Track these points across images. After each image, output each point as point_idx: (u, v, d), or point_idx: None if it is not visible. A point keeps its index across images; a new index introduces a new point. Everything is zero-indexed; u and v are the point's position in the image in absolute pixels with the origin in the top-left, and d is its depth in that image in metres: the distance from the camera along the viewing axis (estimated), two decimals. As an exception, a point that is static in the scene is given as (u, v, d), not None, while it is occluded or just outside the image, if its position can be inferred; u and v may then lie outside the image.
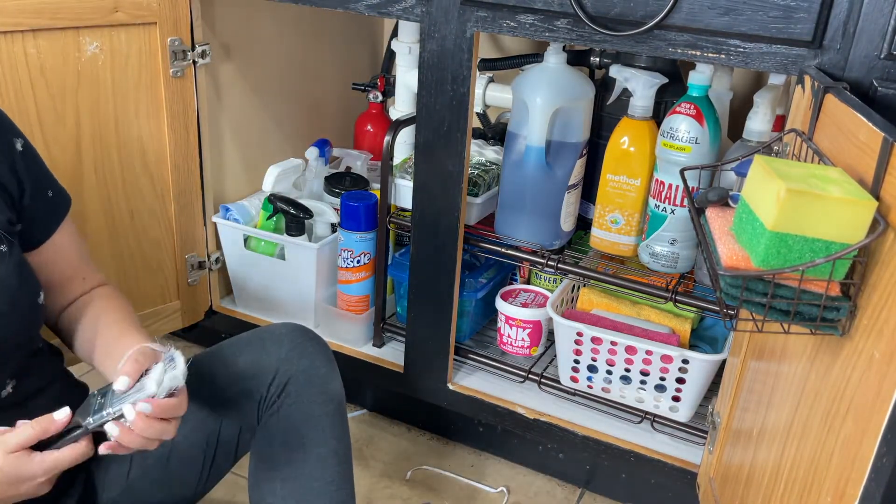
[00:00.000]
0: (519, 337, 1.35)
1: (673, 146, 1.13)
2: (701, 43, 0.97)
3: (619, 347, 1.20)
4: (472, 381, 1.36)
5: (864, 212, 0.61)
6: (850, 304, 0.64)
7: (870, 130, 0.64)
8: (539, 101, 1.20)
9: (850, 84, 0.85)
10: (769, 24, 0.92)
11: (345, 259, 1.39)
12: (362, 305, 1.43)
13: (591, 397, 1.29)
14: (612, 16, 0.99)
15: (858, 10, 0.87)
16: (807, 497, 0.70)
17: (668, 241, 1.18)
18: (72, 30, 1.15)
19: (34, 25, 1.10)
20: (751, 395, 0.93)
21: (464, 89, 1.13)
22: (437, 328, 1.30)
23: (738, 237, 0.70)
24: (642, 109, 1.19)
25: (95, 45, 1.18)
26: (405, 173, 1.32)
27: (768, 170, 0.65)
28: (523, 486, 1.38)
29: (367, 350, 1.44)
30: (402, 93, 1.39)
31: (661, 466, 1.21)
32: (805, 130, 0.82)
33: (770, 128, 1.12)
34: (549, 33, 1.05)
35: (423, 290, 1.29)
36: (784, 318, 0.67)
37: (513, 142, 1.25)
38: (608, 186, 1.22)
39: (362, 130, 1.71)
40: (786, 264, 0.64)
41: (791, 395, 0.77)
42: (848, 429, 0.63)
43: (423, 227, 1.25)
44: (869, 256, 0.63)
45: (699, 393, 1.20)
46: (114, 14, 1.18)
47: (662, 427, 1.25)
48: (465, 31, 1.09)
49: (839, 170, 0.67)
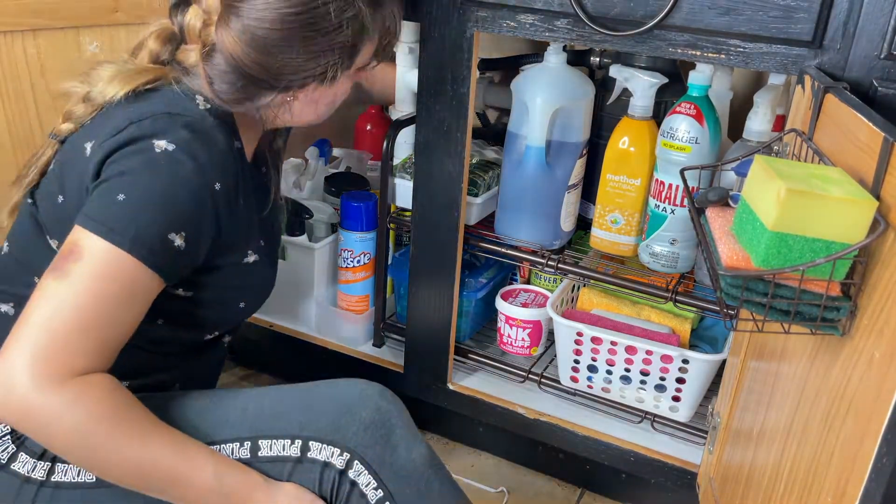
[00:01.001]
0: (519, 337, 1.35)
1: (673, 146, 1.13)
2: (701, 43, 0.97)
3: (619, 347, 1.20)
4: (472, 381, 1.36)
5: (864, 212, 0.61)
6: (851, 304, 0.64)
7: (870, 130, 0.64)
8: (539, 101, 1.20)
9: (850, 84, 0.85)
10: (769, 24, 0.92)
11: (345, 259, 1.39)
12: (362, 305, 1.43)
13: (591, 397, 1.29)
14: (612, 16, 0.99)
15: (858, 10, 0.87)
16: (807, 497, 0.70)
17: (668, 241, 1.18)
18: (72, 29, 1.15)
19: (34, 25, 1.10)
20: (751, 395, 0.93)
21: (464, 89, 1.13)
22: (437, 328, 1.30)
23: (739, 237, 0.70)
24: (642, 109, 1.19)
25: (95, 44, 1.18)
26: (405, 173, 1.32)
27: (768, 170, 0.65)
28: (523, 486, 1.38)
29: (367, 350, 1.44)
30: (403, 93, 1.39)
31: (661, 466, 1.21)
32: (805, 130, 0.82)
33: (770, 128, 1.12)
34: (549, 33, 1.05)
35: (423, 290, 1.29)
36: (784, 318, 0.67)
37: (513, 142, 1.25)
38: (608, 186, 1.22)
39: (362, 130, 1.70)
40: (786, 264, 0.64)
41: (791, 395, 0.77)
42: (848, 429, 0.63)
43: (423, 227, 1.25)
44: (869, 256, 0.63)
45: (699, 393, 1.20)
46: (114, 14, 1.18)
47: (662, 427, 1.25)
48: (465, 31, 1.09)
49: (839, 170, 0.67)
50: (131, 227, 0.77)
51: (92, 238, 0.76)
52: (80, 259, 0.75)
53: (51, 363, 0.73)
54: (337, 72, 0.87)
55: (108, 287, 0.76)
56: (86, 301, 0.74)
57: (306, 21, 0.82)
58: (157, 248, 0.78)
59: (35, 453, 0.82)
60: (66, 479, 0.82)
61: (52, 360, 0.73)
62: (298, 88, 0.88)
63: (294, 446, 0.85)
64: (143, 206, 0.78)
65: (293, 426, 0.85)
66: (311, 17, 0.82)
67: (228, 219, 0.86)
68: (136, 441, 0.76)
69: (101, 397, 0.75)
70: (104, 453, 0.76)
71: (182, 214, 0.80)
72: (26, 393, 0.72)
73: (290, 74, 0.85)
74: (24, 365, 0.72)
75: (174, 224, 0.79)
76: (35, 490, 0.81)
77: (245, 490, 0.81)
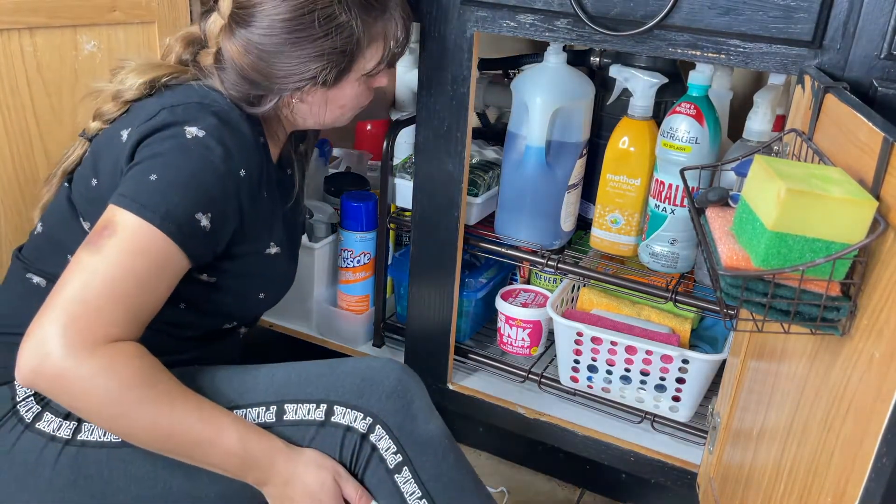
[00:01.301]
0: (519, 337, 1.35)
1: (673, 146, 1.13)
2: (701, 43, 0.97)
3: (619, 347, 1.20)
4: (472, 381, 1.36)
5: (864, 212, 0.61)
6: (851, 304, 0.64)
7: (870, 130, 0.64)
8: (539, 101, 1.20)
9: (850, 84, 0.85)
10: (769, 24, 0.91)
11: (345, 259, 1.39)
12: (362, 305, 1.43)
13: (591, 397, 1.29)
14: (612, 16, 0.99)
15: (858, 10, 0.87)
16: (807, 497, 0.70)
17: (668, 241, 1.18)
18: (69, 28, 1.14)
19: (31, 23, 1.10)
20: (751, 395, 0.93)
21: (464, 89, 1.13)
22: (437, 328, 1.30)
23: (739, 237, 0.70)
24: (642, 109, 1.19)
25: (93, 43, 1.18)
26: (405, 173, 1.32)
27: (768, 170, 0.65)
28: (523, 486, 1.38)
29: (367, 350, 1.44)
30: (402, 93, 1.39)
31: (661, 466, 1.21)
32: (805, 130, 0.82)
33: (770, 128, 1.12)
34: (549, 33, 1.05)
35: (423, 290, 1.29)
36: (784, 318, 0.67)
37: (513, 142, 1.25)
38: (608, 186, 1.22)
39: (362, 130, 1.71)
40: (786, 264, 0.64)
41: (791, 395, 0.77)
42: (848, 429, 0.63)
43: (423, 227, 1.25)
44: (869, 256, 0.63)
45: (699, 393, 1.20)
46: (111, 13, 1.18)
47: (662, 427, 1.25)
48: (465, 31, 1.09)
49: (839, 170, 0.67)
50: (162, 204, 0.81)
51: (125, 214, 0.80)
52: (115, 234, 0.79)
53: (83, 331, 0.76)
54: (331, 75, 0.91)
55: (139, 260, 0.79)
56: (117, 273, 0.78)
57: (294, 28, 0.88)
58: (185, 226, 0.82)
59: (60, 413, 0.85)
60: (92, 439, 0.85)
61: (84, 328, 0.76)
62: (295, 91, 0.92)
63: (319, 410, 0.88)
64: (174, 186, 0.82)
65: (319, 391, 0.89)
66: (300, 24, 0.88)
67: (251, 206, 0.90)
68: (164, 407, 0.79)
69: (132, 364, 0.78)
70: (133, 418, 0.78)
71: (209, 196, 0.84)
72: (60, 360, 0.75)
73: (282, 78, 0.90)
74: (57, 333, 0.75)
75: (201, 204, 0.83)
76: (60, 448, 0.84)
77: (267, 455, 0.84)
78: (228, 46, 0.90)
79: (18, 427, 0.85)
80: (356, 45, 0.91)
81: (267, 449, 0.84)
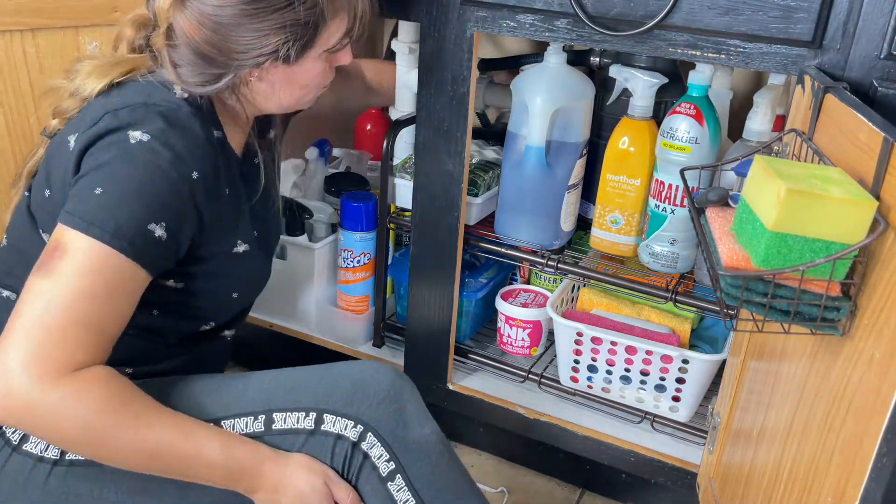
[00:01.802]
0: (519, 337, 1.35)
1: (673, 146, 1.13)
2: (701, 43, 0.97)
3: (619, 347, 1.20)
4: (472, 381, 1.36)
5: (864, 212, 0.61)
6: (851, 304, 0.64)
7: (870, 130, 0.64)
8: (539, 101, 1.20)
9: (850, 84, 0.85)
10: (769, 24, 0.92)
11: (345, 259, 1.39)
12: (362, 305, 1.43)
13: (591, 397, 1.29)
14: (612, 16, 0.99)
15: (858, 10, 0.87)
16: (807, 497, 0.70)
17: (668, 241, 1.18)
18: (71, 28, 1.15)
19: (33, 25, 1.10)
20: (751, 395, 0.93)
21: (464, 89, 1.13)
22: (437, 328, 1.30)
23: (739, 237, 0.70)
24: (642, 109, 1.19)
25: (95, 44, 1.18)
26: (405, 173, 1.32)
27: (768, 170, 0.65)
28: (523, 486, 1.38)
29: (367, 350, 1.44)
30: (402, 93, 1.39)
31: (661, 466, 1.21)
32: (805, 130, 0.82)
33: (770, 128, 1.12)
34: (549, 33, 1.05)
35: (423, 290, 1.29)
36: (784, 318, 0.67)
37: (513, 142, 1.25)
38: (608, 186, 1.22)
39: (362, 130, 1.70)
40: (786, 264, 0.64)
41: (791, 395, 0.77)
42: (848, 429, 0.63)
43: (423, 227, 1.25)
44: (869, 256, 0.63)
45: (699, 393, 1.20)
46: (112, 14, 1.18)
47: (662, 427, 1.25)
48: (465, 31, 1.09)
49: (839, 170, 0.67)
50: (111, 220, 0.77)
51: (73, 234, 0.77)
52: (64, 256, 0.76)
53: (47, 360, 0.73)
54: (293, 50, 0.85)
55: (94, 281, 0.76)
56: (74, 297, 0.75)
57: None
58: (138, 240, 0.78)
59: None
60: (80, 458, 0.83)
61: (48, 357, 0.73)
62: (254, 67, 0.87)
63: (308, 419, 0.86)
64: (121, 199, 0.78)
65: (308, 399, 0.87)
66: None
67: (210, 207, 0.86)
68: (140, 428, 0.78)
69: (101, 389, 0.76)
70: (111, 443, 0.77)
71: (161, 204, 0.80)
72: (26, 392, 0.72)
73: (240, 53, 0.84)
74: (20, 364, 0.72)
75: (154, 215, 0.79)
76: (49, 469, 0.83)
77: (254, 463, 0.83)
78: (180, 20, 0.83)
79: (6, 449, 0.83)
80: (319, 16, 0.85)
81: (252, 456, 0.83)
